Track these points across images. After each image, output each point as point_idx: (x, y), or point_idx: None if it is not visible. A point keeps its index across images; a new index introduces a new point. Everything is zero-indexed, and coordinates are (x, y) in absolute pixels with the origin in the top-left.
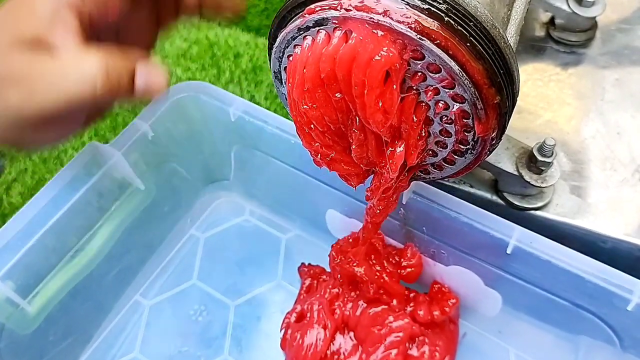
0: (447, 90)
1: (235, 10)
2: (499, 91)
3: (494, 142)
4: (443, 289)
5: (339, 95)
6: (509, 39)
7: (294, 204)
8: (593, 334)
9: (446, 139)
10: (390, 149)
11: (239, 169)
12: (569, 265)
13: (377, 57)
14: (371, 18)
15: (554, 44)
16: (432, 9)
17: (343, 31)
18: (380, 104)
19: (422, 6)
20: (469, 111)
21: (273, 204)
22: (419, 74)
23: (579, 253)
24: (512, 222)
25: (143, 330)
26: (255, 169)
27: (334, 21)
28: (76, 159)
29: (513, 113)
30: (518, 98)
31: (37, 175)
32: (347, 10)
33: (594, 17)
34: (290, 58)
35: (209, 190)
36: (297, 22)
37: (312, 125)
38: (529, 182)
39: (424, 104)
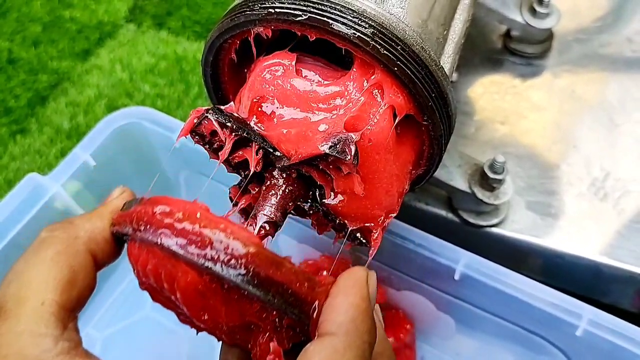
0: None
1: None
2: (431, 115)
3: None
4: (398, 314)
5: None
6: (446, 58)
7: None
8: (550, 357)
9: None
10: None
11: (191, 195)
12: (516, 290)
13: (177, 280)
14: (160, 244)
15: (510, 56)
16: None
17: (145, 248)
18: (206, 316)
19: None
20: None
21: None
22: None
23: (527, 278)
24: (468, 239)
25: None
26: (205, 195)
27: (132, 238)
28: (14, 192)
29: (469, 127)
30: (475, 112)
31: None
32: (135, 230)
33: (549, 29)
34: None
35: None
36: (114, 229)
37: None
38: (481, 200)
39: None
